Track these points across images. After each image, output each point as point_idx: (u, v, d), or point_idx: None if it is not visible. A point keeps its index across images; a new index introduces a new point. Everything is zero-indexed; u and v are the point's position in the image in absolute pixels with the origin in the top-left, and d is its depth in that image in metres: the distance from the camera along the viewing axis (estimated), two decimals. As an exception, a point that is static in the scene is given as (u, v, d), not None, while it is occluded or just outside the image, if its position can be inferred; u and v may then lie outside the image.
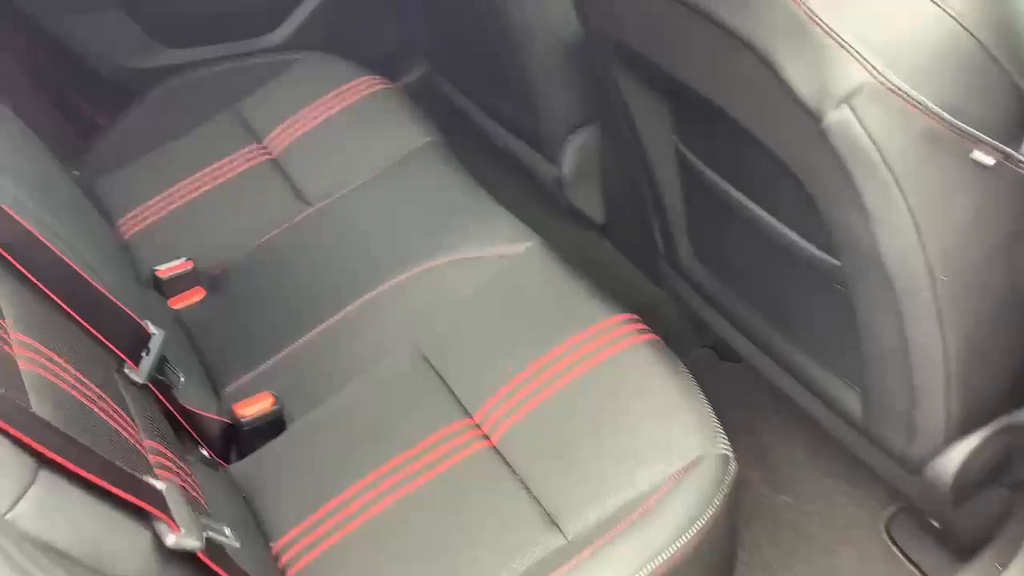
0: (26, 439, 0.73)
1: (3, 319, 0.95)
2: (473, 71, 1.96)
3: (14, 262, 1.05)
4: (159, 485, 0.87)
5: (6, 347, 0.91)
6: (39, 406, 0.88)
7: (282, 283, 1.55)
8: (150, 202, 1.75)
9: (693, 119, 1.30)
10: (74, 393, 0.95)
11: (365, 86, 1.85)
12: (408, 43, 2.14)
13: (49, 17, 1.92)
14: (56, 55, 1.95)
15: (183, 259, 1.59)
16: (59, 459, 0.75)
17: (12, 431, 0.73)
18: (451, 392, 1.31)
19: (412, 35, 2.11)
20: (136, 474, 0.85)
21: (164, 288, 1.56)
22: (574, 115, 1.75)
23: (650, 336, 1.33)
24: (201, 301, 1.57)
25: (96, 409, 0.97)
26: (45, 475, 0.75)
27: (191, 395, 1.34)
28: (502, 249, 1.49)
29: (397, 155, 1.70)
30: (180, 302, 1.56)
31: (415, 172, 1.67)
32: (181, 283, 1.57)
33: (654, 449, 1.19)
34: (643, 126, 1.40)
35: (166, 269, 1.57)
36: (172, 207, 1.72)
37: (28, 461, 0.74)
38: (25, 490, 0.72)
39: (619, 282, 1.84)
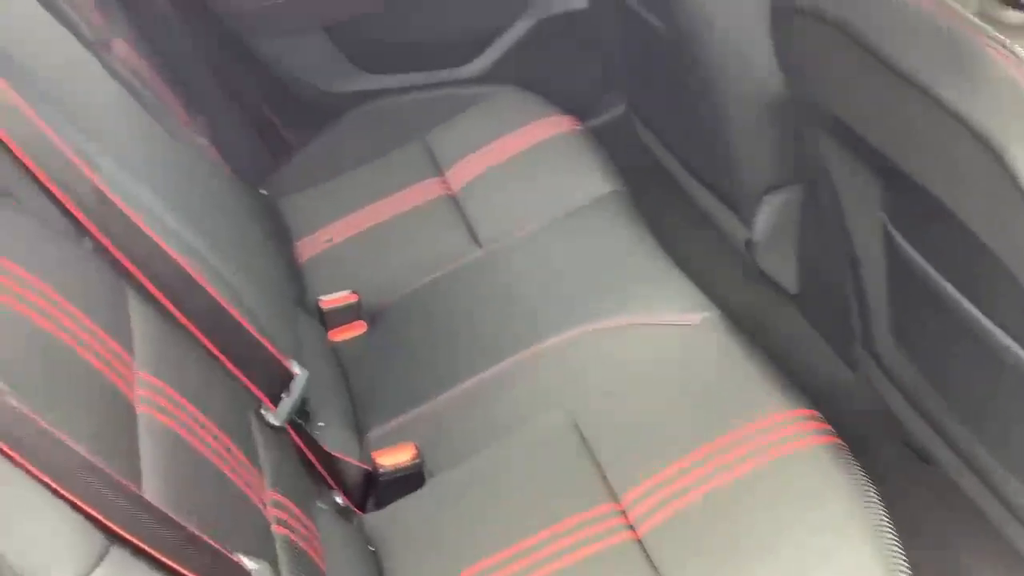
0: (96, 514, 0.69)
1: (131, 356, 0.92)
2: (671, 116, 1.85)
3: (158, 294, 1.03)
4: (250, 565, 0.81)
5: (126, 388, 0.88)
6: (151, 455, 0.84)
7: (441, 327, 1.50)
8: (328, 227, 1.74)
9: (907, 201, 1.14)
10: (194, 441, 0.91)
11: (555, 125, 1.78)
12: (607, 83, 2.05)
13: (253, 36, 1.96)
14: (256, 73, 1.99)
15: (348, 291, 1.56)
16: (132, 539, 0.70)
17: (82, 505, 0.69)
18: (600, 470, 1.21)
19: (612, 75, 2.02)
20: (225, 551, 0.79)
21: (326, 319, 1.54)
22: (773, 174, 1.61)
23: (830, 438, 1.17)
24: (360, 336, 1.53)
25: (215, 459, 0.93)
26: (117, 552, 0.70)
27: (333, 437, 1.30)
28: (676, 317, 1.37)
29: (577, 203, 1.61)
30: (340, 335, 1.53)
31: (593, 223, 1.58)
32: (343, 315, 1.54)
33: (822, 574, 1.04)
34: (847, 199, 1.25)
35: (330, 300, 1.55)
36: (347, 235, 1.71)
37: (98, 537, 0.69)
38: (91, 569, 0.67)
39: (808, 360, 1.68)
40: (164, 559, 0.72)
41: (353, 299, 1.55)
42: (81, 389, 0.83)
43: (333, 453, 1.26)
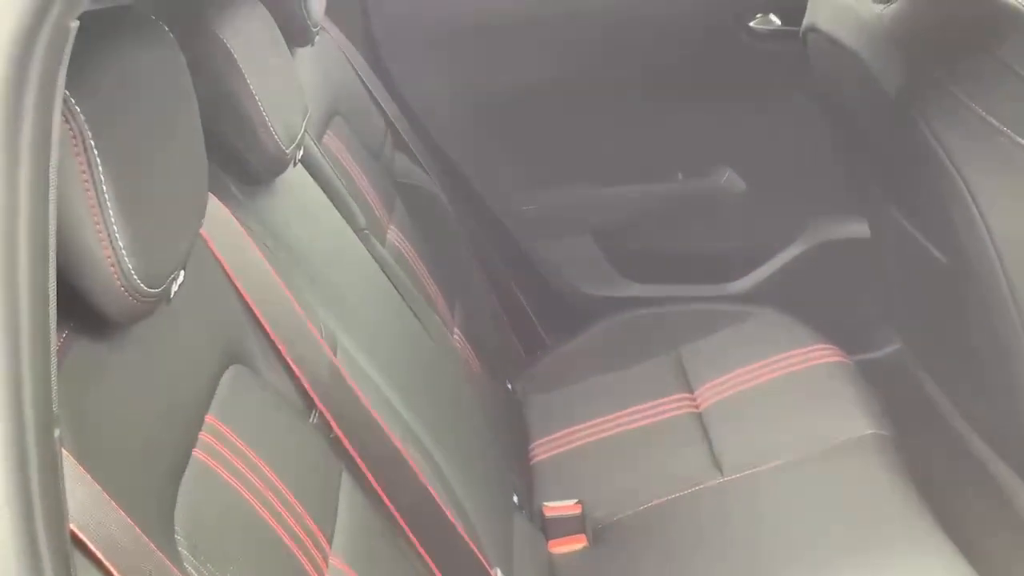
0: None
1: (329, 542, 0.90)
2: (953, 359, 1.68)
3: (371, 478, 1.02)
4: None
5: (315, 575, 0.85)
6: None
7: (667, 556, 1.38)
8: (566, 431, 1.69)
9: None
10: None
11: (818, 355, 1.66)
12: (883, 316, 1.92)
13: (525, 236, 2.03)
14: (520, 269, 2.04)
15: (574, 501, 1.49)
16: None
17: None
18: None
19: (889, 308, 1.89)
20: None
21: (547, 527, 1.47)
22: (1073, 441, 1.40)
23: None
24: (579, 551, 1.45)
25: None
26: None
27: (530, 659, 1.21)
28: (935, 592, 1.19)
29: (833, 441, 1.47)
30: (559, 547, 1.46)
31: (850, 467, 1.43)
32: (565, 526, 1.47)
33: None
34: None
35: (553, 507, 1.49)
36: (583, 442, 1.65)
37: None
38: None
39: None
40: None
41: (576, 510, 1.48)
42: (272, 569, 0.82)
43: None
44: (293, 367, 0.99)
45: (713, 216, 2.00)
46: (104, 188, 0.66)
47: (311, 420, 1.01)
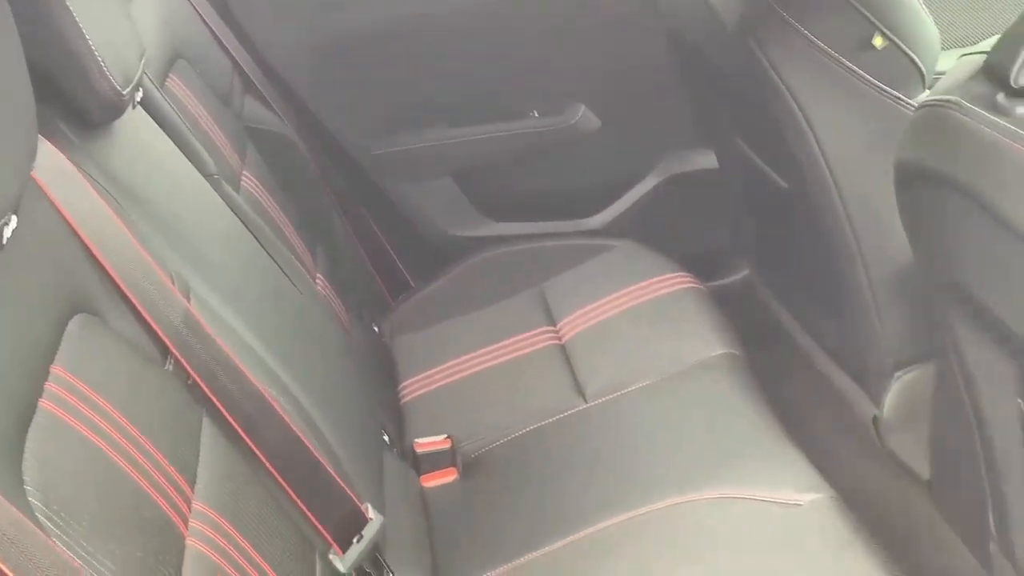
0: None
1: (192, 486, 0.89)
2: (797, 283, 1.77)
3: (232, 421, 1.01)
4: None
5: (179, 520, 0.85)
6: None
7: (533, 481, 1.42)
8: (434, 370, 1.71)
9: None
10: (241, 581, 0.86)
11: (672, 283, 1.72)
12: (733, 244, 2.00)
13: (383, 177, 2.02)
14: (381, 212, 2.04)
15: (443, 436, 1.52)
16: None
17: None
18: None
19: (738, 236, 1.97)
20: None
21: (420, 463, 1.50)
22: (906, 350, 1.50)
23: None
24: (450, 484, 1.48)
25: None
26: None
27: (408, 590, 1.23)
28: (784, 495, 1.26)
29: (688, 363, 1.54)
30: (431, 481, 1.48)
31: (704, 385, 1.50)
32: (435, 460, 1.49)
33: None
34: (982, 384, 1.14)
35: (424, 443, 1.51)
36: (451, 379, 1.68)
37: None
38: None
39: (937, 557, 1.53)
40: None
41: (446, 445, 1.50)
42: (130, 517, 0.80)
43: (403, 608, 1.19)
44: (143, 314, 0.97)
45: (570, 153, 2.03)
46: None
47: (166, 367, 0.99)
